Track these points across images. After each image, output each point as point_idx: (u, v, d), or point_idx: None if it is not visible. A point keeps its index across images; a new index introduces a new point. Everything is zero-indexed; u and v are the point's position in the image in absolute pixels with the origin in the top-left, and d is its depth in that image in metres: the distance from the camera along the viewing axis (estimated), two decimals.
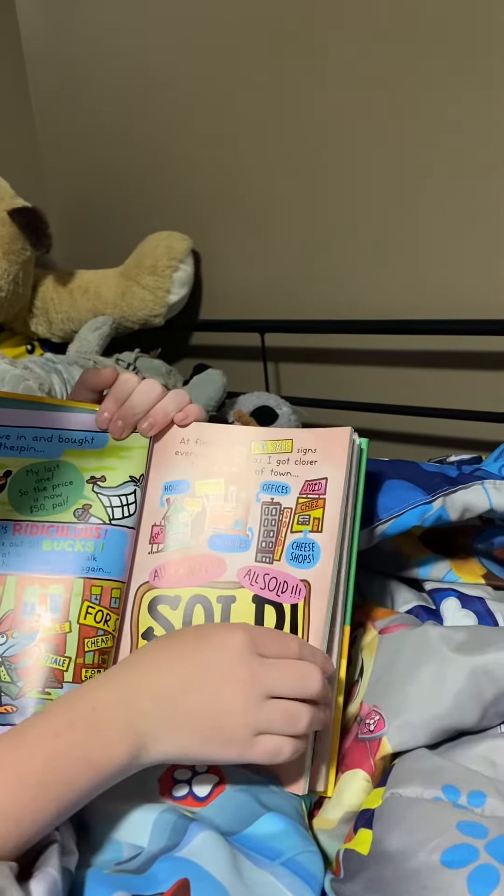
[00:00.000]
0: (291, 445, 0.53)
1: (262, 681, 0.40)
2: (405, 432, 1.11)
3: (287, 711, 0.40)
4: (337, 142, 1.00)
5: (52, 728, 0.38)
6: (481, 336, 0.95)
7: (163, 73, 1.17)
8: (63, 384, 0.99)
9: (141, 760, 0.39)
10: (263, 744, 0.40)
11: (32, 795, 0.36)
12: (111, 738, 0.38)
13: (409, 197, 0.96)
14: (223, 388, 1.10)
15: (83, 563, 0.50)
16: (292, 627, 0.49)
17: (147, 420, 0.54)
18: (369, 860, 0.39)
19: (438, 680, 0.47)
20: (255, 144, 1.10)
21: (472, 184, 0.90)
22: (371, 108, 0.95)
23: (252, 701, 0.40)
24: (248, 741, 0.39)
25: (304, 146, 1.04)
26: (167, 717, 0.39)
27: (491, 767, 0.44)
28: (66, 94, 1.34)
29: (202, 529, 0.52)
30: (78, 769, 0.37)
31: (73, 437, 0.54)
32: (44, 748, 0.37)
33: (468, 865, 0.36)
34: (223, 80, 1.10)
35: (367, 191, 1.00)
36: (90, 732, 0.38)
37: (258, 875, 0.37)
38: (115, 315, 1.21)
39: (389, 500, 0.59)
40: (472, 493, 0.58)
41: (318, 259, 1.10)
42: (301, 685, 0.41)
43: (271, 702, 0.40)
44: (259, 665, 0.41)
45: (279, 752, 0.40)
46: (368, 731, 0.47)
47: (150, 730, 0.39)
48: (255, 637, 0.42)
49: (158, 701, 0.40)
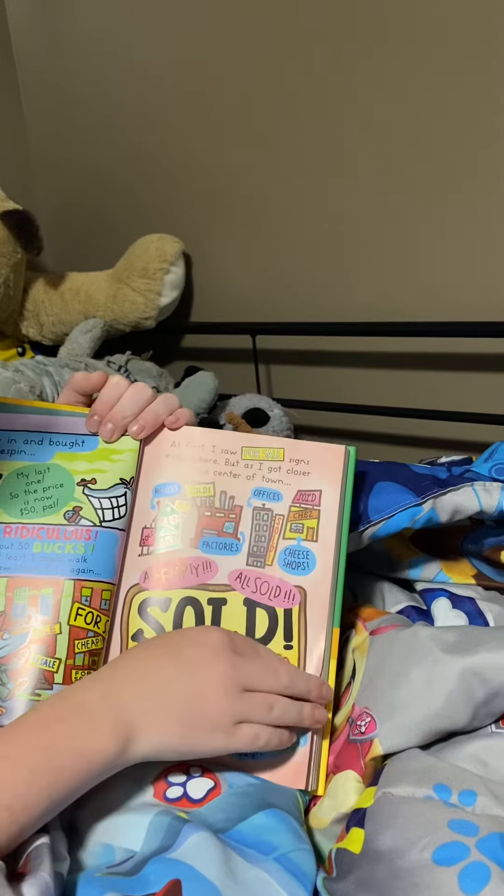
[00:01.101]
0: (283, 454, 0.54)
1: (240, 673, 0.44)
2: (396, 434, 1.12)
3: (262, 699, 0.44)
4: (329, 145, 1.01)
5: (42, 722, 0.39)
6: (472, 338, 0.96)
7: (154, 75, 1.17)
8: (54, 387, 0.98)
9: (129, 753, 0.40)
10: (244, 731, 0.43)
11: (23, 779, 0.36)
12: (100, 730, 0.40)
13: (400, 200, 0.97)
14: (215, 390, 1.10)
15: (74, 564, 0.50)
16: (286, 632, 0.49)
17: (137, 423, 0.54)
18: (361, 859, 0.40)
19: (429, 681, 0.47)
20: (247, 147, 1.10)
21: (462, 187, 0.91)
22: (365, 111, 0.96)
23: (231, 691, 0.43)
24: (229, 729, 0.42)
25: (296, 149, 1.04)
26: (153, 709, 0.41)
27: (482, 766, 0.44)
28: (57, 97, 1.34)
29: (192, 532, 0.52)
30: (68, 758, 0.38)
31: (64, 440, 0.54)
32: (34, 738, 0.38)
33: (459, 863, 0.36)
34: (215, 82, 1.10)
35: (358, 194, 1.00)
36: (79, 725, 0.39)
37: (252, 872, 0.38)
38: (106, 317, 1.21)
39: (380, 502, 0.59)
40: (462, 495, 0.59)
41: (308, 262, 1.10)
42: (274, 679, 0.45)
43: (249, 693, 0.44)
44: (236, 659, 0.44)
45: (257, 737, 0.43)
46: (359, 733, 0.47)
47: (137, 721, 0.41)
48: (231, 636, 0.46)
49: (144, 694, 0.42)
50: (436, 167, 0.92)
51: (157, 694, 0.42)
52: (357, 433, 1.16)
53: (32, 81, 1.38)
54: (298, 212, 1.08)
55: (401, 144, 0.94)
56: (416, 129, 0.92)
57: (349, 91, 0.96)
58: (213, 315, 1.27)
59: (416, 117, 0.91)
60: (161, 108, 1.18)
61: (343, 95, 0.96)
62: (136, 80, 1.20)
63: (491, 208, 0.89)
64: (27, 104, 1.40)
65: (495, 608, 0.59)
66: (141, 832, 0.40)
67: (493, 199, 0.89)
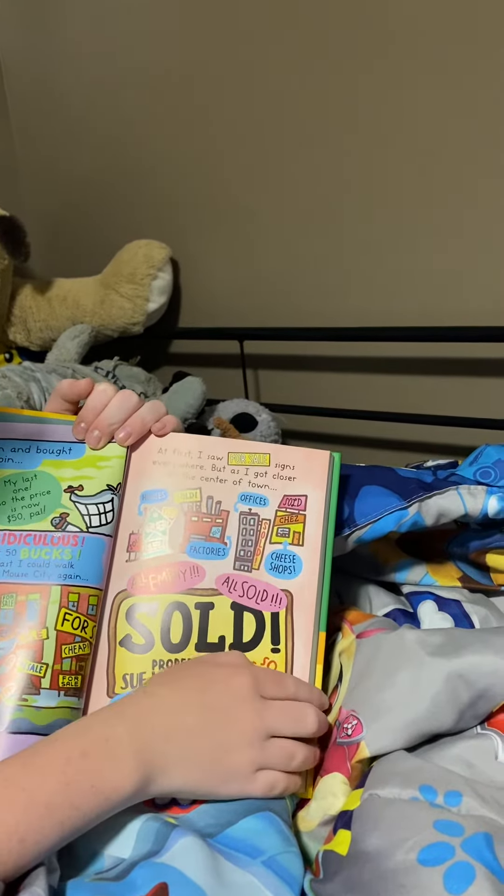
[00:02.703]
0: (269, 460, 0.54)
1: (265, 722, 0.44)
2: (383, 438, 1.12)
3: (284, 750, 0.44)
4: (315, 151, 1.01)
5: (64, 754, 0.39)
6: (459, 343, 0.97)
7: (142, 81, 1.17)
8: (41, 392, 0.98)
9: (147, 791, 0.41)
10: (262, 779, 0.43)
11: (39, 815, 0.36)
12: (122, 769, 0.40)
13: (386, 206, 0.97)
14: (202, 395, 1.11)
15: (61, 570, 0.50)
16: (273, 636, 0.50)
17: (124, 430, 0.54)
18: (348, 860, 0.40)
19: (415, 684, 0.47)
20: (234, 153, 1.10)
21: (451, 193, 0.92)
22: (354, 116, 0.96)
23: (256, 741, 0.43)
24: (249, 777, 0.43)
25: (283, 154, 1.05)
26: (176, 753, 0.42)
27: (468, 768, 0.44)
28: (44, 102, 1.34)
29: (179, 537, 0.53)
30: (87, 795, 0.38)
31: (51, 447, 0.54)
32: (54, 772, 0.38)
33: (444, 863, 0.37)
34: (203, 88, 1.10)
35: (345, 200, 1.01)
36: (102, 762, 0.39)
37: (239, 876, 0.38)
38: (93, 323, 1.22)
39: (366, 506, 0.59)
40: (447, 499, 0.59)
41: (296, 267, 1.11)
42: (297, 726, 0.45)
43: (271, 741, 0.44)
44: (262, 706, 0.44)
45: (274, 786, 0.44)
46: (346, 736, 0.48)
47: (158, 763, 0.41)
48: (258, 678, 0.46)
49: (169, 740, 0.42)
50: (423, 172, 0.92)
51: (182, 739, 0.42)
52: (344, 437, 1.16)
53: (19, 87, 1.38)
54: (286, 217, 1.09)
55: (388, 149, 0.94)
56: (406, 134, 0.92)
57: (338, 96, 0.96)
58: (201, 320, 1.27)
59: (407, 122, 0.92)
60: (148, 113, 1.19)
61: (332, 100, 0.97)
62: (123, 86, 1.20)
63: (480, 213, 0.90)
64: (14, 109, 1.40)
65: (481, 610, 0.60)
66: (130, 839, 0.40)
67: (483, 205, 0.89)
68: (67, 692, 0.47)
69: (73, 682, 0.48)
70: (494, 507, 0.58)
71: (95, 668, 0.50)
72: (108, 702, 0.49)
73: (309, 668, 0.50)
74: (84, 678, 0.49)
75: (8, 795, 0.37)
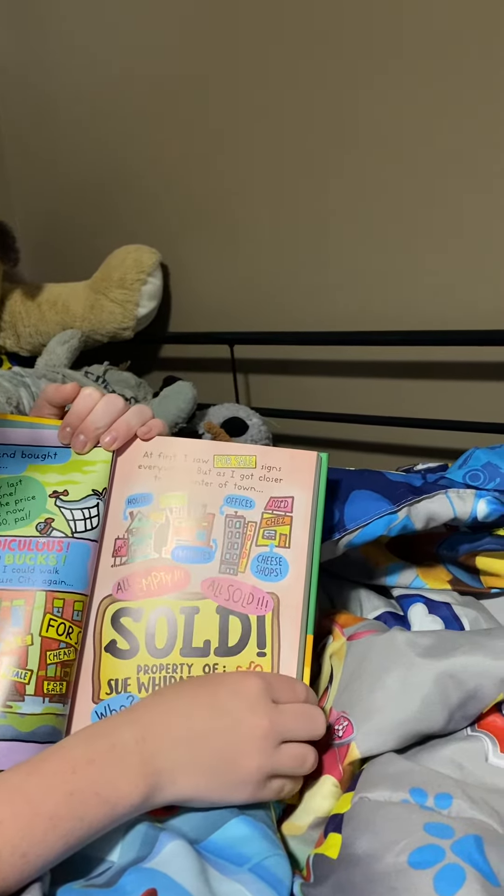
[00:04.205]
0: (255, 462, 0.54)
1: (278, 728, 0.42)
2: (374, 442, 1.12)
3: (297, 755, 0.43)
4: (306, 156, 1.02)
5: (70, 763, 0.38)
6: (448, 347, 0.97)
7: (131, 86, 1.17)
8: (31, 398, 0.98)
9: (155, 800, 0.40)
10: (273, 785, 0.42)
11: (44, 829, 0.36)
12: (128, 778, 0.39)
13: (375, 211, 0.98)
14: (193, 399, 1.10)
15: (46, 576, 0.50)
16: (259, 639, 0.49)
17: (109, 434, 0.54)
18: (338, 864, 0.40)
19: (405, 685, 0.47)
20: (223, 157, 1.11)
21: (436, 198, 0.92)
22: (337, 121, 0.97)
23: (269, 747, 0.42)
24: (261, 783, 0.42)
25: (272, 160, 1.05)
26: (185, 762, 0.40)
27: (458, 770, 0.44)
28: (34, 107, 1.34)
29: (165, 541, 0.52)
30: (92, 806, 0.37)
31: (36, 452, 0.54)
32: (60, 783, 0.37)
33: (435, 866, 0.37)
34: (193, 94, 1.10)
35: (333, 205, 1.01)
36: (108, 770, 0.38)
37: (227, 885, 0.37)
38: (83, 328, 1.21)
39: (356, 511, 0.59)
40: (436, 503, 0.59)
41: (285, 272, 1.11)
42: (310, 729, 0.44)
43: (284, 746, 0.43)
44: (274, 712, 0.43)
45: (283, 790, 0.43)
46: (337, 737, 0.48)
47: (167, 772, 0.40)
48: (270, 682, 0.44)
49: (177, 746, 0.41)
50: (413, 177, 0.93)
51: (191, 745, 0.41)
52: (335, 441, 1.16)
53: (8, 92, 1.38)
54: (275, 222, 1.09)
55: (378, 156, 0.95)
56: (396, 141, 0.93)
57: (327, 100, 0.97)
58: (191, 325, 1.27)
59: (398, 128, 0.92)
60: (137, 118, 1.19)
61: (321, 104, 0.97)
62: (113, 93, 1.20)
63: (468, 219, 0.90)
64: (3, 114, 1.40)
65: (471, 613, 0.60)
66: (117, 842, 0.40)
67: (471, 211, 0.90)
68: (52, 698, 0.47)
69: (58, 688, 0.48)
70: (483, 510, 0.58)
71: (81, 674, 0.50)
72: (93, 708, 0.49)
73: (296, 671, 0.49)
74: (69, 684, 0.49)
75: (12, 807, 0.36)
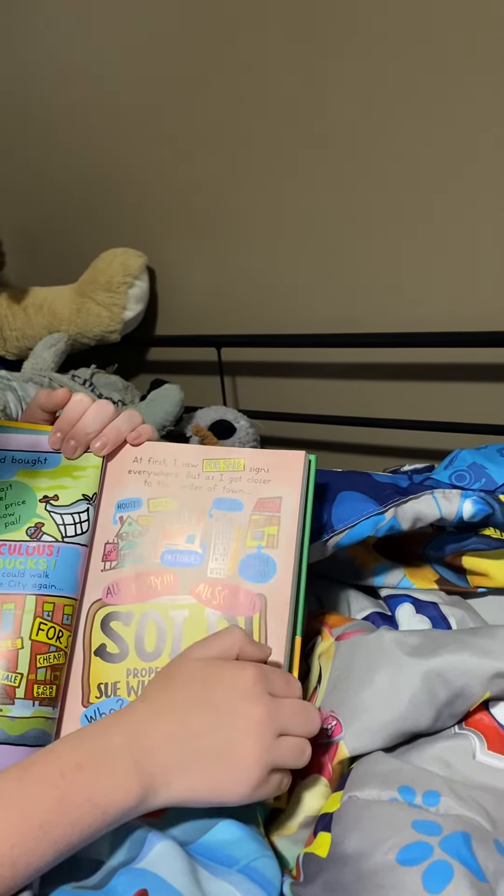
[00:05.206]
0: (244, 465, 0.54)
1: (276, 718, 0.41)
2: (362, 443, 1.13)
3: (296, 747, 0.42)
4: (291, 158, 1.02)
5: (59, 767, 0.37)
6: (436, 348, 0.98)
7: (116, 88, 1.17)
8: (18, 402, 0.98)
9: (148, 804, 0.38)
10: (273, 781, 0.41)
11: (34, 837, 0.35)
12: (119, 782, 0.37)
13: (361, 213, 0.98)
14: (181, 402, 1.10)
15: (36, 580, 0.50)
16: None
17: (100, 440, 0.54)
18: (328, 862, 0.40)
19: (393, 684, 0.48)
20: (209, 160, 1.11)
21: (419, 200, 0.93)
22: (319, 121, 0.97)
23: (268, 739, 0.40)
24: (261, 779, 0.40)
25: (258, 161, 1.05)
26: (180, 760, 0.39)
27: (446, 767, 0.45)
28: (17, 109, 1.33)
29: (155, 546, 0.53)
30: (83, 811, 0.36)
31: (27, 457, 0.54)
32: (49, 789, 0.36)
33: (423, 862, 0.37)
34: (177, 97, 1.11)
35: (321, 207, 1.02)
36: (98, 775, 0.37)
37: (216, 885, 0.38)
38: (70, 332, 1.21)
39: (343, 512, 0.60)
40: (423, 503, 0.60)
41: (272, 274, 1.11)
42: (308, 725, 0.43)
43: (282, 738, 0.41)
44: (272, 702, 0.41)
45: (280, 785, 0.41)
46: (326, 737, 0.48)
47: (161, 774, 0.39)
48: (266, 673, 0.43)
49: (171, 746, 0.39)
50: (400, 179, 0.93)
51: (185, 743, 0.39)
52: (322, 443, 1.17)
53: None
54: (262, 224, 1.09)
55: (363, 157, 0.95)
56: (383, 142, 0.93)
57: (309, 101, 0.97)
58: (178, 328, 1.27)
59: (383, 128, 0.92)
60: (122, 125, 1.19)
61: (304, 105, 0.97)
62: (97, 96, 1.20)
63: (447, 216, 0.91)
64: None
65: (458, 612, 0.60)
66: (105, 843, 0.40)
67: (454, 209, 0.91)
68: (42, 702, 0.47)
69: (48, 691, 0.48)
70: (469, 510, 0.59)
71: (70, 678, 0.50)
72: (83, 711, 0.49)
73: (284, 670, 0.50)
74: (59, 688, 0.49)
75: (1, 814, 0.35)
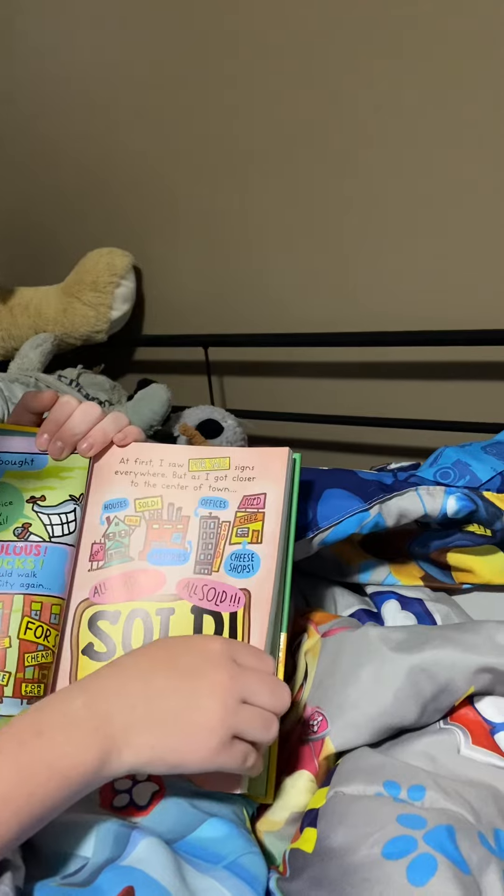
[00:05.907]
0: (229, 463, 0.55)
1: (240, 684, 0.41)
2: (349, 442, 1.14)
3: (262, 716, 0.41)
4: (278, 158, 1.02)
5: (17, 736, 0.37)
6: (423, 347, 0.99)
7: (101, 87, 1.17)
8: (4, 402, 0.98)
9: (110, 768, 0.38)
10: (237, 748, 0.40)
11: None
12: (79, 744, 0.37)
13: (345, 213, 0.99)
14: (168, 402, 1.11)
15: (23, 579, 0.50)
16: (231, 634, 0.50)
17: (86, 441, 0.55)
18: (314, 857, 0.40)
19: (378, 679, 0.48)
20: (195, 161, 1.11)
21: (404, 201, 0.93)
22: (304, 121, 0.97)
23: (230, 702, 0.40)
24: (223, 743, 0.39)
25: (246, 161, 1.06)
26: (140, 720, 0.39)
27: (430, 762, 0.45)
28: (4, 112, 1.33)
29: (141, 545, 0.53)
30: (43, 779, 0.36)
31: (13, 459, 0.54)
32: (6, 759, 0.36)
33: (407, 856, 0.38)
34: (162, 97, 1.10)
35: (304, 208, 1.02)
36: (57, 739, 0.37)
37: (201, 881, 0.38)
38: (56, 332, 1.21)
39: (328, 509, 0.60)
40: (407, 500, 0.60)
41: (258, 274, 1.12)
42: (274, 697, 0.42)
43: (247, 706, 0.41)
44: (235, 668, 0.41)
45: (246, 759, 0.40)
46: (312, 733, 0.49)
47: (121, 734, 0.38)
48: (234, 645, 0.43)
49: (132, 705, 0.39)
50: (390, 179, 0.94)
51: (146, 704, 0.39)
52: (309, 442, 1.18)
53: None
54: (248, 224, 1.09)
55: (351, 156, 0.96)
56: (375, 141, 0.93)
57: (300, 100, 0.97)
58: (166, 328, 1.27)
59: (371, 126, 0.93)
60: (106, 121, 1.19)
61: (295, 104, 0.98)
62: (84, 96, 1.20)
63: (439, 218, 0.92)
64: None
65: (443, 608, 0.61)
66: (90, 839, 0.40)
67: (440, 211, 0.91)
68: (31, 700, 0.47)
69: (36, 690, 0.48)
70: (453, 506, 0.60)
71: (58, 677, 0.50)
72: None
73: None
74: (47, 686, 0.49)
75: None
